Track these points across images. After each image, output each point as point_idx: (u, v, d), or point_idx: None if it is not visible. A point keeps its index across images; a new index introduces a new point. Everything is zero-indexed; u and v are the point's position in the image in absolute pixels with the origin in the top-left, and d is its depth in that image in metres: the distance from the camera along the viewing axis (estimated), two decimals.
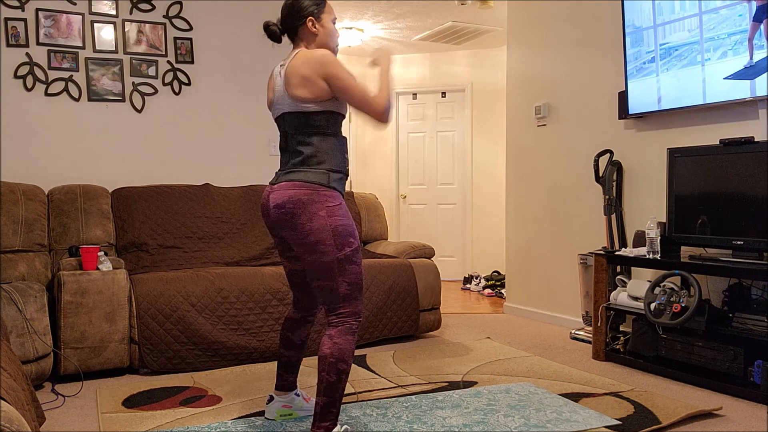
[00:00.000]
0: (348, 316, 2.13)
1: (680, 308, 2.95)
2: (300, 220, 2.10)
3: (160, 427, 2.42)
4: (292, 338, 2.47)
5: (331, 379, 2.06)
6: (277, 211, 2.15)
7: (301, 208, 2.10)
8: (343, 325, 2.12)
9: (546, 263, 4.54)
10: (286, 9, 2.24)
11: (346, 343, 2.09)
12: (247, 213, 4.14)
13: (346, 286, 2.12)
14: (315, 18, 2.22)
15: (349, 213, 2.19)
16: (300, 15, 2.21)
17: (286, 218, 2.13)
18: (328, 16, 2.26)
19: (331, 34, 2.26)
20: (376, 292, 3.74)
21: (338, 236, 2.11)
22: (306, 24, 2.21)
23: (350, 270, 2.13)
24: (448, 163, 6.95)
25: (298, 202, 2.11)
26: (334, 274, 2.11)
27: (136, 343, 3.16)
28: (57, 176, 3.97)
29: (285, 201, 2.13)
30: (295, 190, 2.12)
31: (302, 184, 2.13)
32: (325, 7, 2.25)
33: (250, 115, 4.58)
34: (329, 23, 2.25)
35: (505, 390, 2.85)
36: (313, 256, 2.11)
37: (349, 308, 2.14)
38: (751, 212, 2.92)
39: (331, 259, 2.10)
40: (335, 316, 2.14)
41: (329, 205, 2.12)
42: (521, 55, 4.78)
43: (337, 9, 5.41)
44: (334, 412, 2.09)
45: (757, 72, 3.01)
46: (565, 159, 4.38)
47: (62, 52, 3.95)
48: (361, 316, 2.17)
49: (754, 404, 2.69)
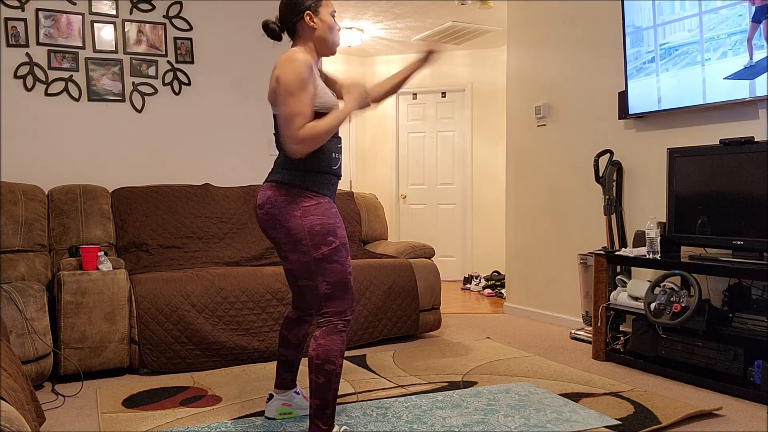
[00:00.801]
0: (332, 316, 2.11)
1: (680, 308, 2.95)
2: (279, 220, 2.12)
3: (160, 427, 2.42)
4: (288, 337, 2.47)
5: (319, 380, 2.05)
6: (259, 211, 2.19)
7: (277, 208, 2.12)
8: (327, 326, 2.10)
9: (546, 263, 4.54)
10: (283, 5, 2.21)
11: (332, 344, 2.07)
12: (247, 213, 4.14)
13: (326, 285, 2.11)
14: (312, 12, 2.18)
15: (331, 212, 2.14)
16: (297, 10, 2.17)
17: (267, 218, 2.16)
18: (326, 9, 2.21)
19: (331, 28, 2.21)
20: (376, 292, 3.74)
21: (315, 236, 2.09)
22: (304, 19, 2.17)
23: (330, 269, 2.11)
24: (448, 163, 6.95)
25: (275, 203, 2.13)
26: (314, 274, 2.11)
27: (136, 343, 3.16)
28: (57, 176, 3.97)
29: (264, 202, 2.16)
30: (272, 191, 2.15)
31: (278, 185, 2.15)
32: (323, 0, 2.21)
33: (250, 115, 4.58)
34: (327, 16, 2.20)
35: (505, 390, 2.85)
36: (295, 255, 2.12)
37: (332, 308, 2.12)
38: (751, 212, 2.92)
39: (309, 258, 2.10)
40: (320, 316, 2.13)
41: (305, 206, 2.11)
42: (521, 55, 4.78)
43: (337, 9, 5.40)
44: (328, 414, 2.07)
45: (756, 72, 3.01)
46: (565, 159, 4.37)
47: (62, 52, 3.95)
48: (347, 315, 2.13)
49: (754, 404, 2.69)
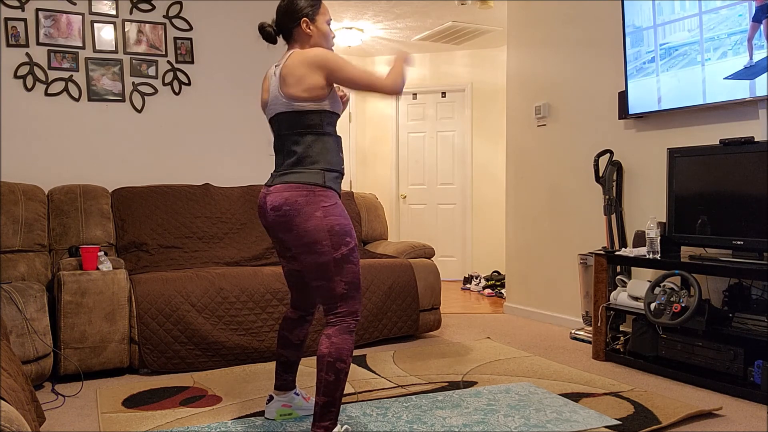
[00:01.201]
0: (345, 316, 2.14)
1: (680, 308, 2.95)
2: (296, 222, 2.11)
3: (160, 427, 2.42)
4: (290, 338, 2.47)
5: (329, 378, 2.07)
6: (274, 213, 2.16)
7: (297, 209, 2.11)
8: (340, 324, 2.12)
9: (546, 263, 4.54)
10: (280, 10, 2.24)
11: (344, 343, 2.09)
12: (247, 213, 4.14)
13: (344, 285, 2.13)
14: (309, 19, 2.21)
15: (345, 212, 2.18)
16: (294, 16, 2.21)
17: (283, 220, 2.13)
18: (323, 18, 2.25)
19: (326, 36, 2.26)
20: (376, 292, 3.74)
21: (334, 236, 2.11)
22: (300, 25, 2.21)
23: (347, 269, 2.13)
24: (448, 163, 6.95)
25: (295, 204, 2.11)
26: (332, 274, 2.12)
27: (136, 343, 3.16)
28: (57, 176, 3.97)
29: (281, 203, 2.13)
30: (291, 192, 2.13)
31: (298, 186, 2.13)
32: (320, 9, 2.25)
33: (250, 115, 4.58)
34: (324, 24, 2.25)
35: (505, 390, 2.85)
36: (310, 257, 2.12)
37: (347, 307, 2.14)
38: (751, 212, 2.92)
39: (328, 259, 2.10)
40: (333, 316, 2.14)
41: (325, 205, 2.12)
42: (521, 55, 4.78)
43: (337, 9, 5.41)
44: (333, 412, 2.09)
45: (757, 72, 3.01)
46: (565, 159, 4.37)
47: (62, 52, 3.95)
48: (358, 315, 2.17)
49: (754, 404, 2.69)
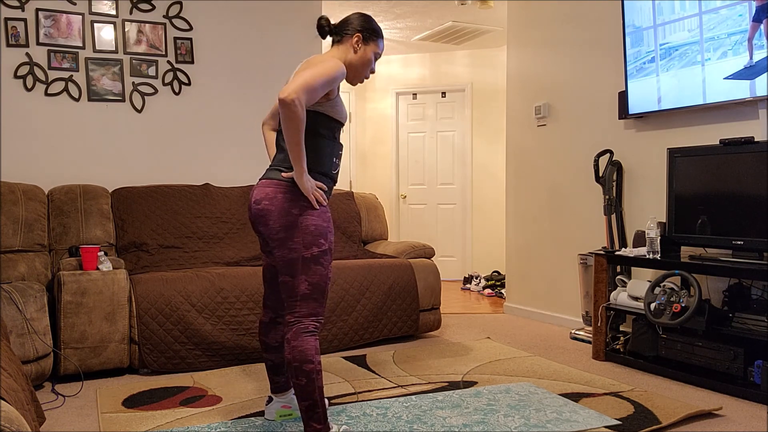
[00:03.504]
0: (303, 317, 2.13)
1: (680, 308, 2.95)
2: (273, 217, 2.14)
3: (160, 427, 2.42)
4: (267, 341, 2.46)
5: (301, 382, 2.07)
6: (255, 206, 2.20)
7: (274, 205, 2.14)
8: (297, 326, 2.12)
9: (546, 263, 4.54)
10: (347, 18, 2.32)
11: (305, 344, 2.09)
12: (246, 213, 4.14)
13: (307, 285, 2.14)
14: (363, 39, 2.28)
15: (326, 216, 2.20)
16: (353, 27, 2.29)
17: (262, 214, 2.17)
18: (373, 49, 2.31)
19: (365, 63, 2.31)
20: (376, 292, 3.74)
21: (308, 235, 2.13)
22: (352, 37, 2.28)
23: (314, 270, 2.14)
24: (448, 163, 6.94)
25: (273, 200, 2.15)
26: (297, 271, 2.13)
27: (136, 343, 3.16)
28: (57, 176, 3.97)
29: (262, 197, 2.17)
30: (272, 188, 2.17)
31: (279, 182, 2.17)
32: (378, 42, 2.32)
33: (250, 115, 4.58)
34: (370, 53, 2.31)
35: (505, 390, 2.85)
36: (281, 251, 2.14)
37: (306, 309, 2.14)
38: (751, 212, 2.92)
39: (297, 256, 2.12)
40: (291, 315, 2.14)
41: (303, 204, 2.15)
42: (521, 55, 4.78)
43: (337, 9, 5.41)
44: (320, 413, 2.09)
45: (757, 72, 3.01)
46: (565, 159, 4.37)
47: (62, 52, 3.95)
48: (320, 318, 2.17)
49: (754, 404, 2.69)
